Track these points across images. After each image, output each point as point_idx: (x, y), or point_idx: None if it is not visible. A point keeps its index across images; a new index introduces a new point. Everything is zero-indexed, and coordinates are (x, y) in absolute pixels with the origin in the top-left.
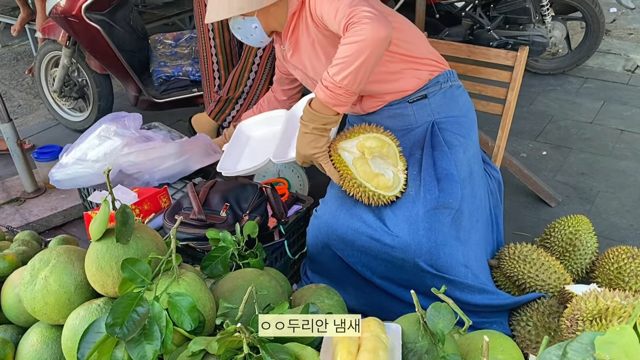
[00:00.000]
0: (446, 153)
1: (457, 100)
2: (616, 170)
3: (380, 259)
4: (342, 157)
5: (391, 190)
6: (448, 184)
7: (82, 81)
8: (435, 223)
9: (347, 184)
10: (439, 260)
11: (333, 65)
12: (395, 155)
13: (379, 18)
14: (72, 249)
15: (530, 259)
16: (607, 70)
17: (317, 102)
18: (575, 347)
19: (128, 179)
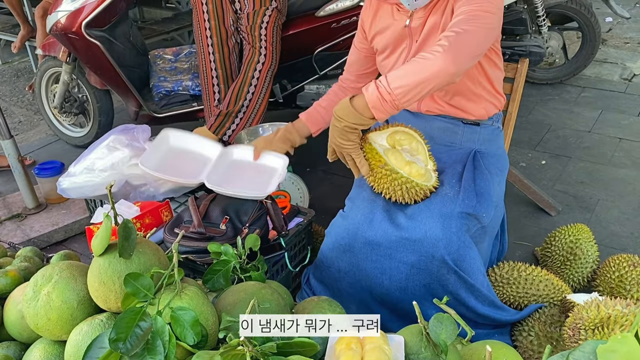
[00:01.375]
0: (486, 175)
1: (497, 140)
2: (615, 179)
3: (405, 262)
4: (374, 147)
5: (424, 180)
6: (484, 200)
7: (82, 97)
8: (467, 226)
9: (378, 175)
10: (464, 262)
11: (396, 71)
12: (425, 153)
13: (461, 49)
14: (74, 264)
15: (512, 279)
16: (604, 79)
17: (360, 100)
18: (578, 356)
19: (134, 191)
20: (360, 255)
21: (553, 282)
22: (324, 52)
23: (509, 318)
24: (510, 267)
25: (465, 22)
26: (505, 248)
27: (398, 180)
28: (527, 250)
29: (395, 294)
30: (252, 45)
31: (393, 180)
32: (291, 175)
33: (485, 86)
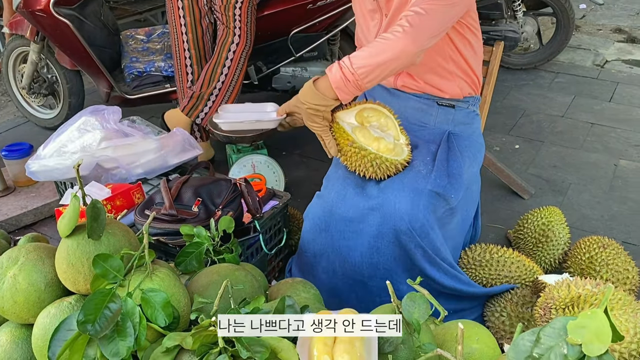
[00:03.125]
0: (459, 157)
1: (473, 124)
2: (587, 163)
3: (373, 235)
4: (342, 126)
5: (394, 154)
6: (455, 181)
7: (51, 77)
8: (434, 206)
9: (348, 153)
10: (427, 239)
11: (358, 51)
12: (396, 127)
13: (421, 29)
14: (41, 246)
15: (484, 261)
16: (577, 65)
17: (324, 82)
18: (549, 332)
19: (106, 174)
20: (335, 234)
21: (525, 263)
22: (300, 34)
23: (477, 291)
24: (482, 249)
25: (424, 0)
26: (479, 231)
27: (367, 156)
28: (500, 232)
29: (367, 271)
30: (226, 26)
31: (362, 157)
32: (266, 159)
33: (459, 63)
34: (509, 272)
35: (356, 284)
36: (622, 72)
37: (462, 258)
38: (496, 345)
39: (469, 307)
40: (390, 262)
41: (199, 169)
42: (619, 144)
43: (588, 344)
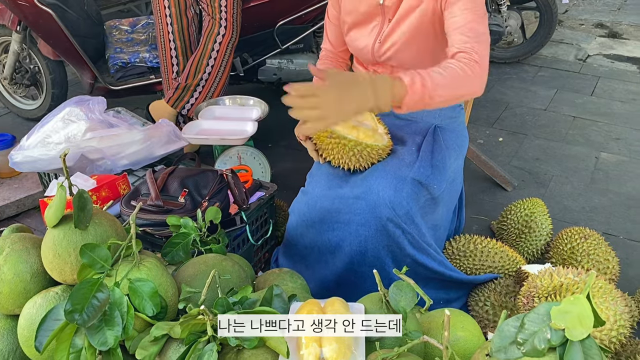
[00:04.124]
0: (444, 149)
1: (458, 118)
2: (569, 156)
3: (361, 223)
4: None
5: (374, 140)
6: (438, 172)
7: (34, 68)
8: (416, 194)
9: (329, 146)
10: (413, 225)
11: (437, 75)
12: (372, 118)
13: (486, 71)
14: (27, 236)
15: (469, 252)
16: (560, 59)
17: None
18: (532, 318)
19: (91, 165)
20: (322, 227)
21: (508, 254)
22: (286, 26)
23: (463, 277)
24: (466, 240)
25: (476, 39)
26: (463, 222)
27: (348, 145)
28: (483, 224)
29: (356, 258)
30: (211, 17)
31: (343, 147)
32: (253, 150)
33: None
34: (493, 262)
35: (347, 272)
36: (604, 66)
37: (447, 249)
38: (481, 333)
39: (455, 297)
40: (378, 250)
41: (185, 160)
42: (600, 137)
43: (571, 329)
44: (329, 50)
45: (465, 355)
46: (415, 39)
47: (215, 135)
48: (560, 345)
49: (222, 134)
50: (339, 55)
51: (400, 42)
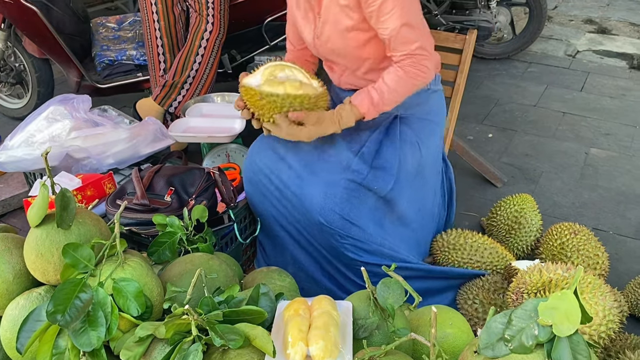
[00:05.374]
0: (395, 146)
1: (428, 103)
2: (559, 152)
3: (306, 224)
4: (249, 86)
5: (304, 90)
6: (382, 173)
7: (19, 66)
8: (354, 199)
9: (262, 110)
10: (352, 230)
11: (387, 90)
12: (304, 74)
13: (434, 55)
14: (9, 236)
15: (458, 245)
16: (549, 55)
17: (359, 116)
18: (520, 314)
19: (76, 164)
20: (269, 193)
21: (498, 250)
22: (274, 22)
23: (434, 269)
24: (457, 234)
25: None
26: (452, 217)
27: (277, 101)
28: (473, 220)
29: (322, 251)
30: (198, 13)
31: (274, 104)
32: (241, 148)
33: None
34: (481, 258)
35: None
36: (593, 62)
37: (437, 241)
38: (469, 329)
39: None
40: (328, 250)
41: (171, 159)
42: (589, 133)
43: (558, 325)
44: (289, 49)
45: (454, 352)
46: (346, 35)
47: (203, 133)
48: (547, 341)
49: (210, 132)
50: (299, 53)
51: (334, 37)
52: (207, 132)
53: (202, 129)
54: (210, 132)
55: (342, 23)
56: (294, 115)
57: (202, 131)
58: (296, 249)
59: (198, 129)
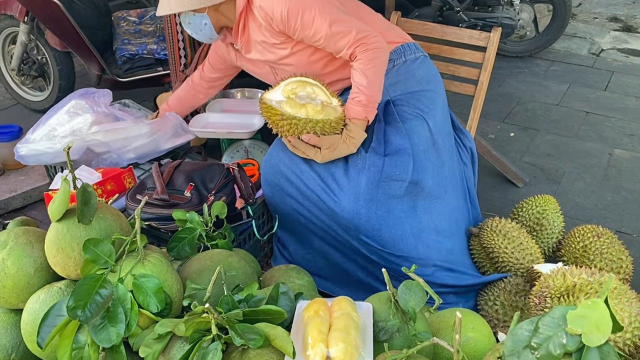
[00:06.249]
0: (399, 128)
1: (413, 75)
2: (581, 152)
3: (330, 217)
4: (269, 104)
5: (324, 115)
6: (398, 157)
7: (41, 59)
8: (378, 195)
9: (283, 128)
10: (381, 233)
11: (368, 87)
12: (324, 92)
13: (375, 34)
14: (31, 230)
15: (510, 235)
16: (573, 53)
17: (364, 123)
18: (547, 322)
19: (97, 158)
20: (294, 197)
21: (533, 252)
22: None
23: (464, 282)
24: (515, 227)
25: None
26: (479, 214)
27: (299, 124)
28: None
29: (351, 242)
30: None
31: (295, 126)
32: (260, 143)
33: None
34: (520, 258)
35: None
36: (618, 60)
37: (493, 221)
38: (491, 333)
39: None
40: (362, 260)
41: (191, 154)
42: (613, 133)
43: (588, 334)
44: (197, 75)
45: (476, 356)
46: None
47: (223, 128)
48: (576, 350)
49: (230, 128)
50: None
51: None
52: (227, 127)
53: (222, 125)
54: (230, 127)
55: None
56: (307, 137)
57: (222, 127)
58: (322, 244)
59: (218, 125)
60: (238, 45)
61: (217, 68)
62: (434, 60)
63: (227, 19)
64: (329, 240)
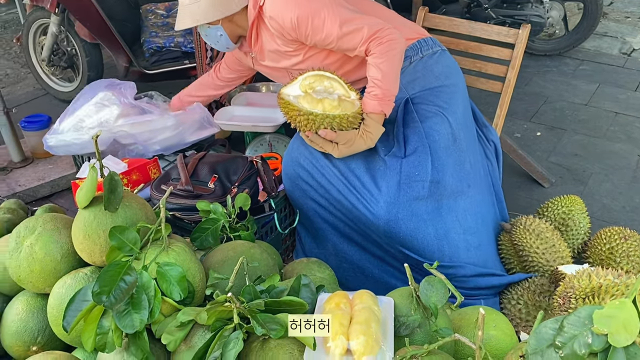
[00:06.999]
0: (417, 128)
1: (431, 70)
2: (609, 152)
3: (352, 217)
4: (287, 100)
5: (341, 110)
6: (415, 157)
7: (71, 50)
8: (398, 197)
9: (301, 124)
10: (399, 234)
11: (383, 81)
12: (342, 85)
13: (389, 29)
14: (58, 216)
15: (543, 236)
16: (603, 52)
17: (381, 117)
18: (573, 321)
19: (123, 149)
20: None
21: (564, 255)
22: None
23: (496, 283)
24: (548, 228)
25: (362, 29)
26: (505, 211)
27: (316, 120)
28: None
29: (372, 237)
30: None
31: (312, 122)
32: (283, 137)
33: (356, 58)
34: (551, 260)
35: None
36: None
37: (527, 219)
38: (513, 332)
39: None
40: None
41: (215, 146)
42: None
43: (614, 334)
44: (214, 75)
45: (497, 355)
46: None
47: (247, 122)
48: (602, 350)
49: (254, 121)
50: (219, 82)
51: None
52: (251, 121)
53: (247, 118)
54: (255, 121)
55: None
56: (323, 133)
57: (246, 120)
58: (339, 240)
59: (242, 118)
60: (253, 54)
61: (234, 69)
62: (461, 57)
63: (243, 29)
64: (347, 234)
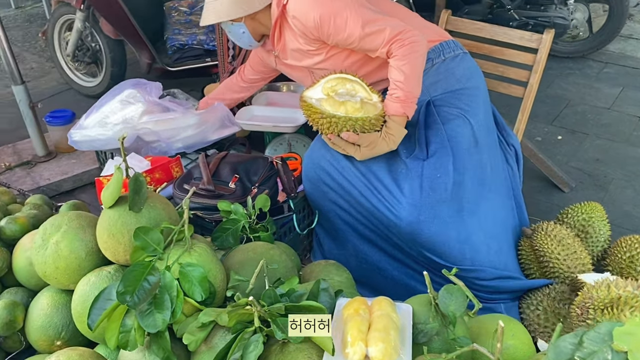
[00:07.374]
0: (439, 130)
1: (453, 73)
2: (632, 158)
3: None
4: (309, 102)
5: (363, 112)
6: (437, 159)
7: (95, 46)
8: (420, 200)
9: (323, 127)
10: (421, 237)
11: (405, 83)
12: (364, 88)
13: (411, 30)
14: (83, 214)
15: (565, 242)
16: (628, 55)
17: (403, 119)
18: (592, 337)
19: (146, 147)
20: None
21: (585, 262)
22: None
23: (516, 287)
24: (569, 234)
25: (384, 30)
26: (526, 218)
27: (339, 123)
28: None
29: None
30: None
31: (335, 125)
32: (303, 137)
33: (378, 59)
34: (572, 267)
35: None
36: None
37: (548, 225)
38: (531, 342)
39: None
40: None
41: (236, 146)
42: None
43: (634, 352)
44: (238, 78)
45: None
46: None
47: (268, 122)
48: None
49: (275, 122)
50: (243, 84)
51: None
52: (272, 121)
53: (267, 118)
54: (275, 121)
55: (314, 59)
56: (346, 135)
57: (267, 120)
58: (359, 242)
59: (263, 118)
60: (276, 52)
61: (258, 70)
62: (483, 60)
63: (265, 27)
64: (367, 236)
